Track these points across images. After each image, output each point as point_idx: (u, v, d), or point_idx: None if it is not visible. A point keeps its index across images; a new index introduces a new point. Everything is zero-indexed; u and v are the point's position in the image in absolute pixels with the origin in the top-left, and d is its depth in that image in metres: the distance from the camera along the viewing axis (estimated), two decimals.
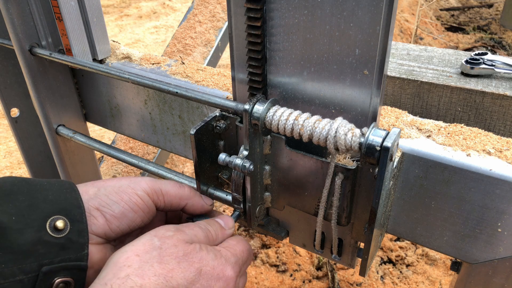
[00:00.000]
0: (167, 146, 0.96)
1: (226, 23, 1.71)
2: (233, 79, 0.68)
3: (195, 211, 0.65)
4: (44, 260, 0.49)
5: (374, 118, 0.57)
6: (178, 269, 0.48)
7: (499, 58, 0.94)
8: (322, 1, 0.53)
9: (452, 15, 4.48)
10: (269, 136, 0.63)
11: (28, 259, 0.48)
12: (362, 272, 0.61)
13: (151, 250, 0.49)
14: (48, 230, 0.50)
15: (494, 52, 3.47)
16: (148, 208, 0.58)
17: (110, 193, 0.56)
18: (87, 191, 0.56)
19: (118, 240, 0.60)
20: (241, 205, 0.67)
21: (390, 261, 1.62)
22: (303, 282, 1.53)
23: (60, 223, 0.50)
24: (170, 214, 0.69)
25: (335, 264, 1.57)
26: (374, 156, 0.51)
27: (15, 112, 1.23)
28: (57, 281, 0.50)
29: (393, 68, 0.98)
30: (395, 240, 1.68)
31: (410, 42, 3.51)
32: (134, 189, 0.57)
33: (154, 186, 0.59)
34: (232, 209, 0.69)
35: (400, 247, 1.65)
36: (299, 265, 1.58)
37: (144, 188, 0.58)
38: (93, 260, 0.54)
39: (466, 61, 0.93)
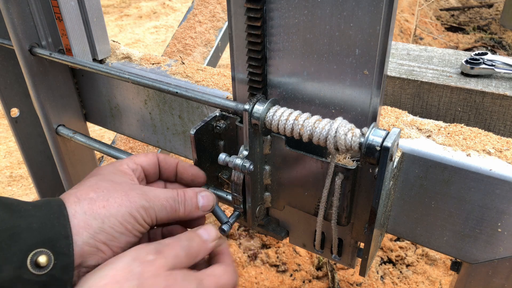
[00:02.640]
0: (167, 146, 0.96)
1: (226, 23, 1.71)
2: (233, 79, 0.68)
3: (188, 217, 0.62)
4: None
5: (374, 118, 0.57)
6: None
7: (499, 58, 0.94)
8: (322, 1, 0.53)
9: (452, 15, 4.48)
10: (269, 136, 0.63)
11: None
12: (362, 272, 0.61)
13: (131, 278, 0.47)
14: (28, 266, 0.45)
15: (494, 52, 3.47)
16: (145, 230, 0.56)
17: (115, 225, 0.52)
18: (90, 224, 0.51)
19: None
20: (241, 205, 0.67)
21: (390, 261, 1.62)
22: (303, 282, 1.53)
23: (42, 259, 0.46)
24: None
25: (335, 264, 1.57)
26: (374, 156, 0.51)
27: (15, 112, 1.23)
28: None
29: (393, 68, 0.98)
30: (395, 240, 1.68)
31: (409, 42, 3.51)
32: (136, 217, 0.54)
33: (151, 214, 0.56)
34: (232, 209, 0.69)
35: (400, 247, 1.65)
36: (299, 265, 1.58)
37: (144, 216, 0.55)
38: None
39: (466, 61, 0.93)
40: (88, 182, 0.56)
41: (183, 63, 0.92)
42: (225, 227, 0.64)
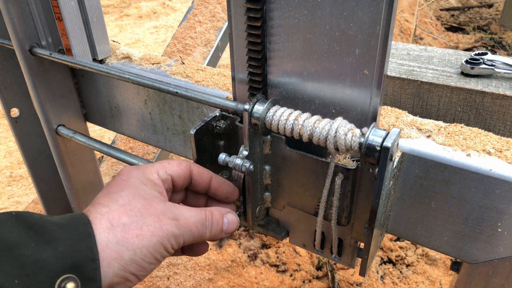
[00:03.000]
0: (167, 146, 0.96)
1: (226, 23, 1.71)
2: (233, 79, 0.68)
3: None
4: None
5: (374, 118, 0.57)
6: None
7: (499, 58, 0.94)
8: (322, 1, 0.53)
9: (452, 15, 4.48)
10: (269, 136, 0.63)
11: None
12: (362, 272, 0.61)
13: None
14: None
15: (494, 52, 3.47)
16: (169, 255, 0.55)
17: (146, 256, 0.50)
18: (122, 255, 0.48)
19: None
20: (241, 205, 0.67)
21: (390, 261, 1.62)
22: (303, 282, 1.53)
23: (70, 286, 0.44)
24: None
25: (335, 264, 1.57)
26: (374, 156, 0.51)
27: (15, 112, 1.23)
28: None
29: (393, 68, 0.98)
30: (395, 240, 1.68)
31: (409, 42, 3.52)
32: (166, 247, 0.52)
33: (179, 241, 0.54)
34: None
35: (400, 247, 1.65)
36: (299, 265, 1.58)
37: (173, 244, 0.53)
38: None
39: (466, 61, 0.93)
40: (120, 199, 0.53)
41: (183, 63, 0.92)
42: None
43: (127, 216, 0.51)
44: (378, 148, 0.50)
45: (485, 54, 0.95)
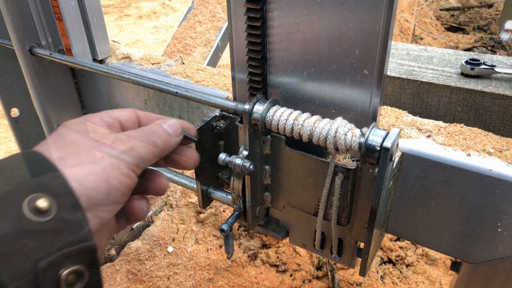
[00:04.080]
0: None
1: (226, 23, 1.71)
2: (233, 79, 0.68)
3: (167, 153, 0.56)
4: (38, 255, 0.38)
5: (374, 118, 0.57)
6: None
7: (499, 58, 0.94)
8: (322, 1, 0.53)
9: (452, 15, 4.48)
10: (269, 136, 0.63)
11: (17, 260, 0.37)
12: (362, 272, 0.61)
13: None
14: (29, 216, 0.38)
15: (494, 52, 3.47)
16: (133, 183, 0.49)
17: (96, 184, 0.45)
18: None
19: None
20: (241, 205, 0.67)
21: (390, 261, 1.62)
22: (303, 282, 1.53)
23: (42, 202, 0.39)
24: None
25: (335, 264, 1.57)
26: (374, 156, 0.51)
27: (15, 112, 1.23)
28: (64, 273, 0.39)
29: (393, 68, 0.98)
30: (395, 240, 1.68)
31: (409, 42, 3.52)
32: (120, 168, 0.47)
33: (136, 158, 0.49)
34: (232, 209, 0.69)
35: (400, 247, 1.65)
36: (299, 265, 1.58)
37: (129, 163, 0.48)
38: None
39: (466, 62, 0.93)
40: (50, 139, 0.48)
41: (183, 63, 0.92)
42: (224, 226, 0.64)
43: (58, 149, 0.46)
44: (378, 148, 0.50)
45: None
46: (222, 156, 0.62)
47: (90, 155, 0.45)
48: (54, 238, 0.39)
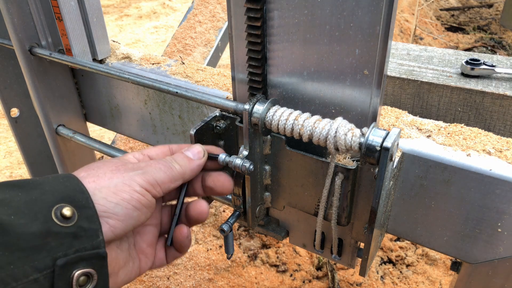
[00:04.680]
0: None
1: (226, 23, 1.71)
2: (233, 79, 0.68)
3: (192, 177, 0.62)
4: (57, 253, 0.44)
5: (374, 118, 0.57)
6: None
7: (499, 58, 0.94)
8: (322, 1, 0.53)
9: (452, 15, 4.48)
10: (269, 136, 0.63)
11: (40, 255, 0.43)
12: (362, 272, 0.61)
13: None
14: (55, 220, 0.45)
15: (494, 52, 3.47)
16: (149, 202, 0.54)
17: (107, 195, 0.50)
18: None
19: None
20: (241, 205, 0.67)
21: (390, 261, 1.62)
22: (303, 282, 1.53)
23: (67, 211, 0.46)
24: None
25: (335, 264, 1.57)
26: (374, 156, 0.51)
27: (15, 112, 1.23)
28: (76, 273, 0.45)
29: (393, 68, 0.98)
30: (395, 240, 1.68)
31: (409, 42, 3.52)
32: (131, 185, 0.52)
33: (149, 179, 0.54)
34: (232, 209, 0.69)
35: (400, 247, 1.65)
36: (299, 265, 1.58)
37: (141, 183, 0.53)
38: None
39: (467, 62, 0.93)
40: (82, 167, 0.55)
41: (183, 63, 0.92)
42: (224, 226, 0.64)
43: (85, 172, 0.53)
44: (378, 148, 0.50)
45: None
46: (222, 156, 0.62)
47: (106, 174, 0.53)
48: (72, 241, 0.46)
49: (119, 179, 0.52)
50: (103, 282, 0.48)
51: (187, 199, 0.65)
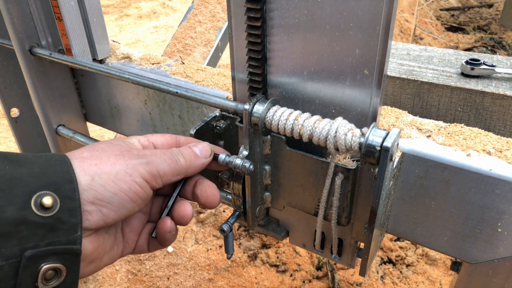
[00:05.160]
0: None
1: (226, 23, 1.71)
2: (233, 79, 0.68)
3: (195, 174, 0.60)
4: (27, 244, 0.42)
5: (374, 118, 0.57)
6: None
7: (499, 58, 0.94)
8: (322, 1, 0.53)
9: (452, 15, 4.48)
10: (269, 136, 0.63)
11: (9, 243, 0.41)
12: (362, 272, 0.61)
13: None
14: (33, 208, 0.42)
15: (494, 52, 3.47)
16: (146, 194, 0.53)
17: (106, 183, 0.48)
18: (78, 179, 0.47)
19: None
20: (241, 205, 0.67)
21: (390, 261, 1.62)
22: (303, 282, 1.53)
23: (47, 200, 0.43)
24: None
25: (335, 264, 1.57)
26: (374, 156, 0.51)
27: (15, 112, 1.23)
28: (44, 267, 0.43)
29: (393, 68, 0.98)
30: (395, 240, 1.68)
31: (409, 42, 3.52)
32: (132, 176, 0.50)
33: (152, 170, 0.52)
34: (232, 209, 0.69)
35: (400, 247, 1.65)
36: (299, 265, 1.58)
37: (143, 173, 0.51)
38: (86, 253, 0.49)
39: (467, 62, 0.93)
40: (87, 146, 0.54)
41: (183, 63, 0.92)
42: (224, 226, 0.64)
43: (88, 152, 0.51)
44: (378, 148, 0.50)
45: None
46: (222, 156, 0.62)
47: (110, 159, 0.51)
48: (46, 233, 0.43)
49: (122, 167, 0.50)
50: (72, 279, 0.46)
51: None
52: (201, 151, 0.60)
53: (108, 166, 0.50)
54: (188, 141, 0.63)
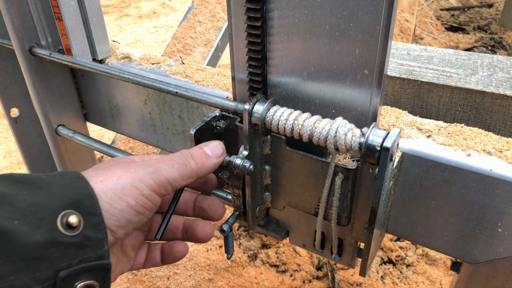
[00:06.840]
0: (167, 146, 0.96)
1: (226, 23, 1.71)
2: (233, 79, 0.68)
3: (206, 175, 0.59)
4: (60, 265, 0.42)
5: (374, 118, 0.57)
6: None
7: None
8: (322, 1, 0.53)
9: (452, 15, 4.48)
10: (269, 136, 0.63)
11: (42, 266, 0.41)
12: (362, 272, 0.61)
13: None
14: (60, 228, 0.42)
15: (494, 52, 3.47)
16: (154, 205, 0.52)
17: (113, 201, 0.48)
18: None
19: None
20: (241, 205, 0.67)
21: (390, 261, 1.62)
22: (303, 282, 1.53)
23: (73, 219, 0.43)
24: None
25: (335, 264, 1.57)
26: (374, 156, 0.51)
27: (15, 112, 1.23)
28: (78, 286, 0.44)
29: (393, 68, 0.98)
30: (395, 240, 1.68)
31: (409, 42, 3.52)
32: (140, 189, 0.50)
33: (160, 179, 0.51)
34: (232, 209, 0.69)
35: (400, 247, 1.65)
36: (299, 265, 1.58)
37: (150, 184, 0.50)
38: None
39: None
40: (92, 167, 0.53)
41: (183, 63, 0.92)
42: (224, 226, 0.64)
43: (94, 171, 0.51)
44: (378, 148, 0.50)
45: None
46: None
47: (115, 173, 0.50)
48: (76, 251, 0.44)
49: (128, 180, 0.49)
50: None
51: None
52: (212, 151, 0.58)
53: (114, 181, 0.49)
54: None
